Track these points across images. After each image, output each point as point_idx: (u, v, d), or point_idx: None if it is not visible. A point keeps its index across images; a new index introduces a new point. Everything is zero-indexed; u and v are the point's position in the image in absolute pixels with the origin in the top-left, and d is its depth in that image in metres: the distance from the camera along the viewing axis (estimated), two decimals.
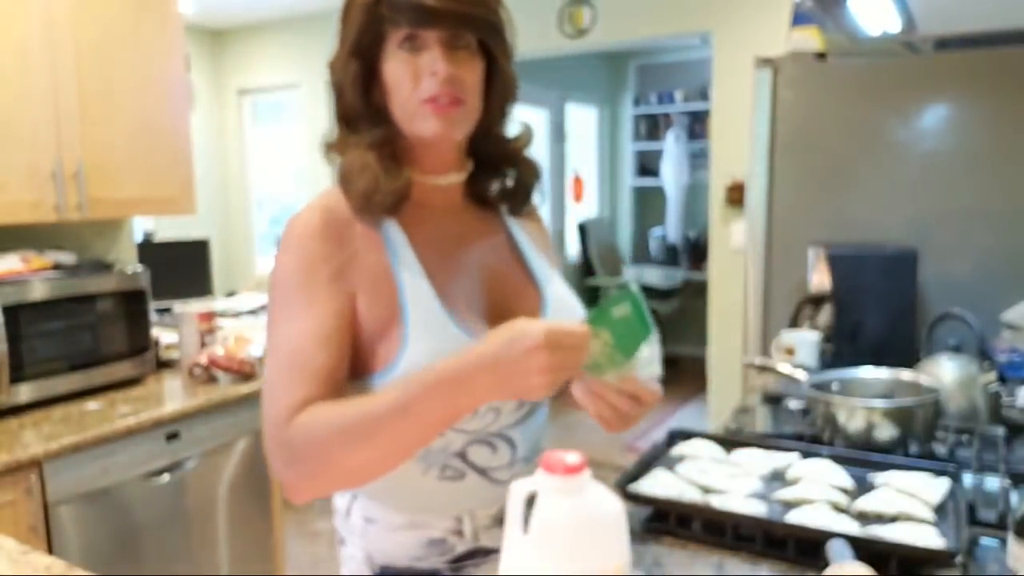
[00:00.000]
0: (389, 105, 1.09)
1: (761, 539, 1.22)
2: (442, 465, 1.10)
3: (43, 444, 2.00)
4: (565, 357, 0.88)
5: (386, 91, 1.09)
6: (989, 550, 1.21)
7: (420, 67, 1.05)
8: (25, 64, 2.28)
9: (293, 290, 1.04)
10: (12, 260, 2.33)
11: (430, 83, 1.04)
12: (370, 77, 1.09)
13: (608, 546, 0.83)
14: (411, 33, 1.04)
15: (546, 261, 1.23)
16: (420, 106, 1.06)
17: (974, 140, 2.42)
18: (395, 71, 1.06)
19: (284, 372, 1.01)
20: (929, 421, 1.58)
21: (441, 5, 1.02)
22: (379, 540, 1.14)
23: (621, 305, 0.95)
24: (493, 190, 1.22)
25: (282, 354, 1.02)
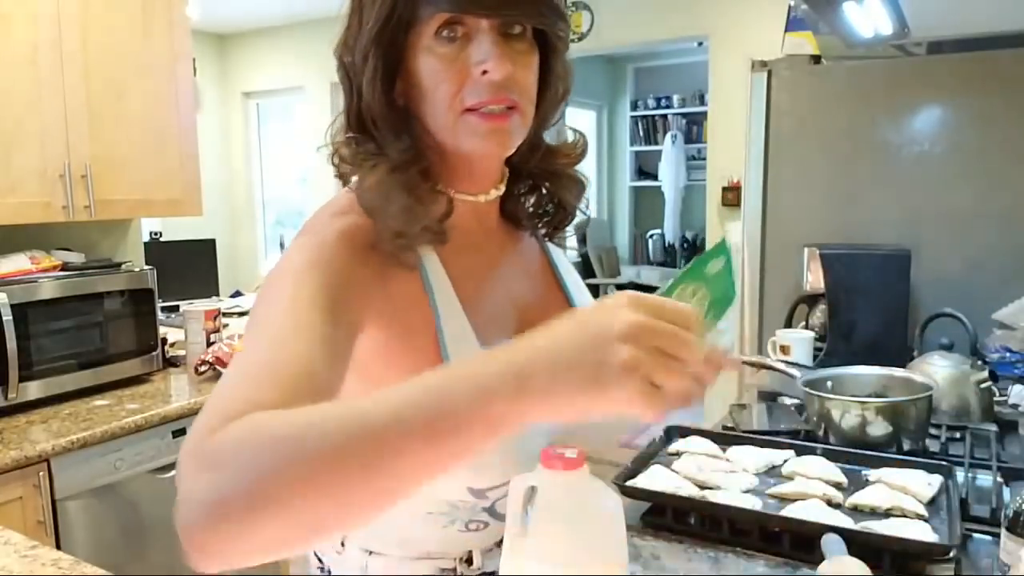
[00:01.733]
0: (420, 110, 0.86)
1: (756, 533, 1.23)
2: (468, 520, 0.97)
3: (51, 440, 2.02)
4: (666, 342, 0.57)
5: (416, 92, 0.85)
6: (982, 545, 1.22)
7: (465, 63, 0.81)
8: (35, 68, 2.30)
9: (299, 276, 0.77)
10: (21, 260, 2.35)
11: (478, 85, 0.81)
12: (394, 72, 0.85)
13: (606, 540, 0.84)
14: (454, 18, 0.80)
15: (581, 284, 1.05)
16: (464, 115, 0.82)
17: (966, 141, 2.44)
18: (431, 67, 0.82)
19: (250, 365, 0.69)
20: (922, 418, 1.59)
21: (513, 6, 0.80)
22: (382, 570, 0.98)
23: (716, 259, 0.80)
24: (530, 209, 1.01)
25: (256, 352, 0.70)
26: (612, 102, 7.65)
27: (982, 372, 1.78)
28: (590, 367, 0.56)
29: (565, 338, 0.58)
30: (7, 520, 1.71)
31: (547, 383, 0.57)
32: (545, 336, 0.59)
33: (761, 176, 2.75)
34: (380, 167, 0.84)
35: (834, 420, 1.60)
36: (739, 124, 2.90)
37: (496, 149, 0.85)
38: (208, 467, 0.58)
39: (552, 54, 0.89)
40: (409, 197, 0.83)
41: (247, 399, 0.62)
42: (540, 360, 0.57)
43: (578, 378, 0.56)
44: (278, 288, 0.77)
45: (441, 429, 0.57)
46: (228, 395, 0.64)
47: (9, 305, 2.16)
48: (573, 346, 0.57)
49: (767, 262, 2.77)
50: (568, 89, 0.95)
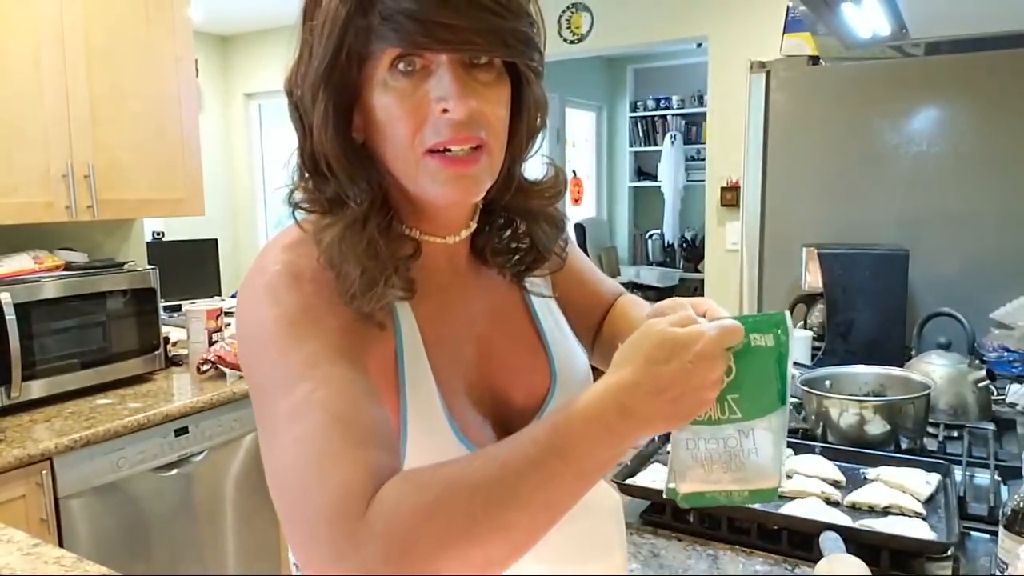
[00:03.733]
0: (379, 149, 0.77)
1: (755, 531, 1.24)
2: None
3: (54, 439, 2.02)
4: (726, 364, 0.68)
5: (374, 130, 0.76)
6: (979, 543, 1.23)
7: (424, 99, 0.72)
8: (37, 69, 2.30)
9: (291, 348, 0.71)
10: (24, 259, 2.36)
11: (439, 123, 0.72)
12: (350, 109, 0.76)
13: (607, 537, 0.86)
14: (411, 54, 0.72)
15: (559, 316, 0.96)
16: (425, 157, 0.73)
17: (964, 142, 2.45)
18: (386, 105, 0.73)
19: (320, 450, 0.65)
20: (920, 417, 1.60)
21: (454, 10, 0.69)
22: None
23: (764, 334, 0.69)
24: (492, 249, 0.90)
25: (307, 431, 0.66)
26: (611, 103, 7.66)
27: (980, 371, 1.79)
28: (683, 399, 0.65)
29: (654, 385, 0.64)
30: (10, 518, 1.71)
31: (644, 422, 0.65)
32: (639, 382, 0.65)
33: (760, 176, 2.76)
34: (337, 224, 0.75)
35: (832, 419, 1.61)
36: (738, 125, 2.91)
37: (462, 196, 0.76)
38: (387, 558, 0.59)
39: (524, 84, 0.79)
40: (371, 259, 0.74)
41: (368, 464, 0.63)
42: (642, 405, 0.64)
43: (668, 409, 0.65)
44: (281, 352, 0.71)
45: (576, 455, 0.63)
46: (335, 461, 0.63)
47: (12, 304, 2.16)
48: (670, 391, 0.65)
49: (766, 262, 2.78)
50: (544, 120, 0.84)
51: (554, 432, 0.64)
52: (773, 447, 0.71)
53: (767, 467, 0.71)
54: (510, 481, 0.62)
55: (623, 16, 4.63)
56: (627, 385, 0.65)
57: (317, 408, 0.66)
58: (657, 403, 0.64)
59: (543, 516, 0.64)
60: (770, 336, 0.69)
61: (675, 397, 0.64)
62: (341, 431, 0.65)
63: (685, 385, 0.64)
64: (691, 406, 0.66)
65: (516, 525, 0.62)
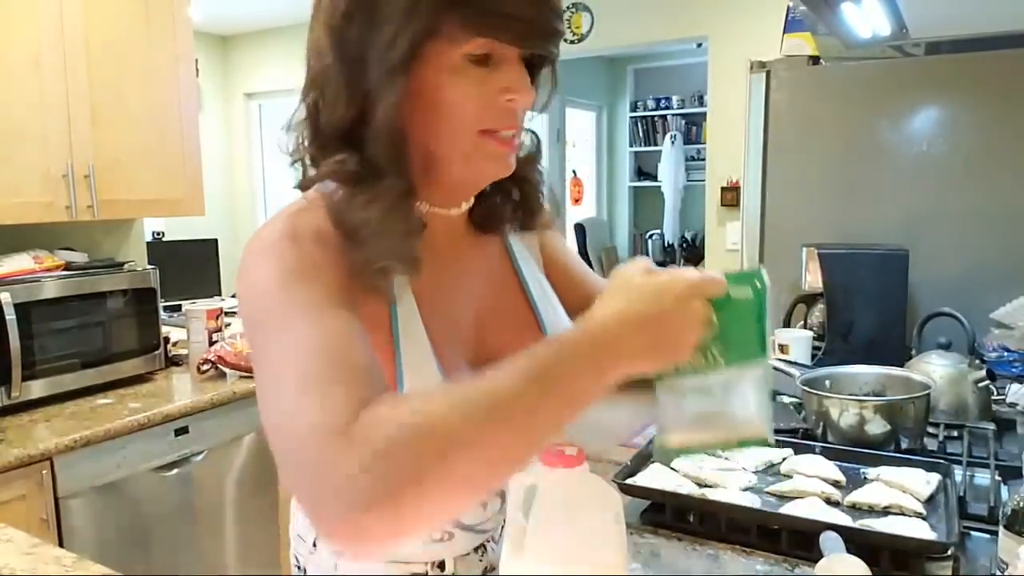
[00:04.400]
0: (425, 128, 0.82)
1: (755, 531, 1.23)
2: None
3: (54, 439, 2.03)
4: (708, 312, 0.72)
5: (425, 110, 0.81)
6: (980, 543, 1.22)
7: (490, 89, 0.80)
8: (37, 69, 2.31)
9: (291, 291, 0.75)
10: (24, 259, 2.36)
11: (501, 110, 0.81)
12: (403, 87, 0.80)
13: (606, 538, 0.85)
14: (490, 45, 0.78)
15: (545, 282, 1.05)
16: (481, 139, 0.81)
17: (964, 142, 2.45)
18: (459, 89, 0.79)
19: (320, 370, 0.69)
20: (920, 417, 1.59)
21: (540, 17, 0.78)
22: (352, 571, 0.99)
23: (742, 286, 0.74)
24: (495, 212, 0.99)
25: (307, 350, 0.70)
26: (612, 103, 7.66)
27: (980, 371, 1.78)
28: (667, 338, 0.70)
29: (647, 318, 0.70)
30: (10, 518, 1.71)
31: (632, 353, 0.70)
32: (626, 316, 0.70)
33: (760, 176, 2.76)
34: (377, 202, 0.79)
35: (832, 419, 1.60)
36: (738, 125, 2.91)
37: (504, 173, 0.86)
38: (384, 455, 0.61)
39: (537, 75, 0.89)
40: (391, 243, 0.80)
41: (355, 394, 0.66)
42: (629, 336, 0.69)
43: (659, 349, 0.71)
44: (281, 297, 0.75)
45: (563, 382, 0.68)
46: (326, 394, 0.66)
47: (12, 304, 2.17)
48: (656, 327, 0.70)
49: (766, 262, 2.78)
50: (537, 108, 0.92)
51: (543, 360, 0.68)
52: (757, 397, 0.76)
53: (753, 416, 0.76)
54: (495, 401, 0.65)
55: (623, 16, 4.63)
56: (612, 320, 0.70)
57: (313, 344, 0.70)
58: (640, 339, 0.69)
59: (524, 438, 0.67)
60: (748, 289, 0.74)
61: (657, 335, 0.70)
62: (334, 365, 0.69)
63: (667, 324, 0.70)
64: (672, 346, 0.71)
65: (496, 443, 0.65)
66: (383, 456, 0.61)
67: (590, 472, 0.81)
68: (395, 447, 0.62)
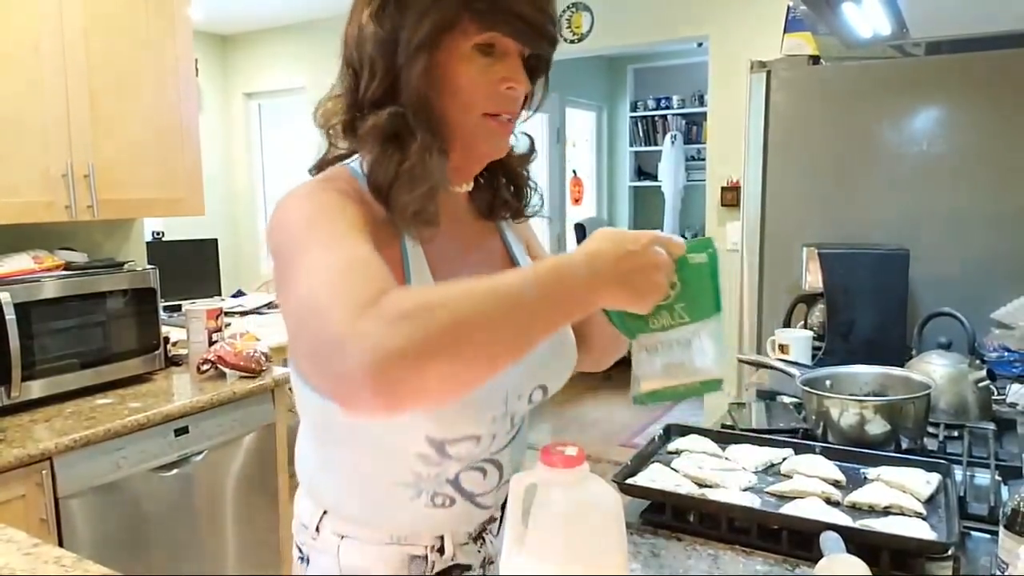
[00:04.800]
0: (441, 105, 0.96)
1: (755, 531, 1.23)
2: (433, 492, 1.05)
3: (54, 439, 2.02)
4: (671, 261, 0.86)
5: (442, 90, 0.95)
6: (980, 543, 1.22)
7: (494, 76, 0.95)
8: (37, 69, 2.31)
9: (326, 217, 0.88)
10: (24, 259, 2.36)
11: (501, 96, 0.96)
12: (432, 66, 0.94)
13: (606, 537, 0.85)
14: (495, 39, 0.93)
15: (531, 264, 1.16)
16: (484, 119, 0.97)
17: (964, 142, 2.45)
18: (466, 74, 0.94)
19: (347, 270, 0.79)
20: (920, 417, 1.59)
21: (538, 20, 0.94)
22: (355, 557, 1.07)
23: (699, 253, 0.89)
24: (495, 200, 1.14)
25: (336, 258, 0.81)
26: (612, 103, 7.66)
27: (980, 371, 1.78)
28: (639, 280, 0.83)
29: (618, 257, 0.82)
30: (10, 518, 1.71)
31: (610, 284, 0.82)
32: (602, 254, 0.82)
33: (760, 176, 2.76)
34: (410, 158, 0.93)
35: (833, 419, 1.60)
36: (738, 125, 2.92)
37: (500, 152, 1.03)
38: (401, 320, 0.71)
39: (537, 75, 1.04)
40: (428, 188, 0.94)
41: (372, 289, 0.76)
42: (606, 269, 0.81)
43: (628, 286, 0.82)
44: (313, 225, 0.87)
45: (557, 302, 0.80)
46: (350, 283, 0.77)
47: (12, 304, 2.17)
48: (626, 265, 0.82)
49: (766, 262, 2.79)
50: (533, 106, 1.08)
51: (536, 277, 0.79)
52: (714, 347, 0.90)
53: (711, 364, 0.91)
54: (500, 297, 0.76)
55: (623, 16, 4.63)
56: (595, 254, 0.82)
57: (339, 257, 0.81)
58: (616, 271, 0.81)
59: (518, 331, 0.78)
60: (703, 255, 0.89)
61: (630, 270, 0.82)
62: (357, 270, 0.79)
63: (639, 261, 0.82)
64: (643, 284, 0.83)
65: (496, 329, 0.76)
66: (406, 317, 0.71)
67: (590, 472, 0.81)
68: (417, 311, 0.72)
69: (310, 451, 1.13)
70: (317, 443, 1.11)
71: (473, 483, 1.07)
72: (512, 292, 0.78)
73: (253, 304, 4.24)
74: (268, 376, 2.63)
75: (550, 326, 0.82)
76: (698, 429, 1.62)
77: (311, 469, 1.13)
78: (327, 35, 4.76)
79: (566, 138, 6.83)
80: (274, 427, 2.65)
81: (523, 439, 1.17)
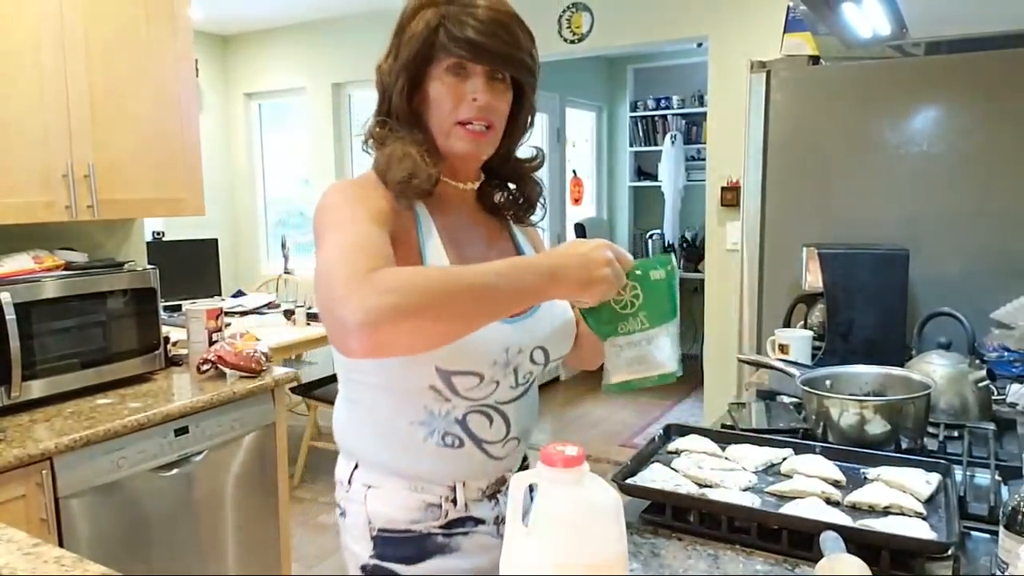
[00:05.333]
0: (428, 116, 1.22)
1: (755, 531, 1.23)
2: (443, 432, 1.22)
3: (54, 439, 2.02)
4: (619, 264, 1.06)
5: (427, 103, 1.22)
6: (980, 543, 1.22)
7: (462, 92, 1.19)
8: (37, 69, 2.31)
9: (350, 206, 1.14)
10: (24, 259, 2.36)
11: (469, 107, 1.19)
12: (415, 87, 1.22)
13: (606, 537, 0.85)
14: (460, 63, 1.18)
15: None
16: (455, 126, 1.20)
17: (964, 141, 2.45)
18: (440, 91, 1.20)
19: (355, 248, 1.04)
20: (920, 417, 1.59)
21: (492, 45, 1.17)
22: (379, 504, 1.24)
23: (657, 270, 1.10)
24: (500, 200, 1.36)
25: (350, 238, 1.07)
26: (612, 103, 7.66)
27: (980, 371, 1.78)
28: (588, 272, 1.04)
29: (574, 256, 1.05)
30: (10, 518, 1.71)
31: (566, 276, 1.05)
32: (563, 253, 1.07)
33: (760, 176, 2.76)
34: (402, 140, 1.20)
35: (833, 419, 1.60)
36: (738, 125, 2.92)
37: (474, 152, 1.23)
38: (384, 291, 0.96)
39: (523, 95, 1.28)
40: (418, 156, 1.18)
41: (370, 264, 1.01)
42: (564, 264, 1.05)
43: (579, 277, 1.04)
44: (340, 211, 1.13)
45: (516, 289, 1.04)
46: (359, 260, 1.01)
47: (12, 304, 2.17)
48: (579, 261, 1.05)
49: (766, 261, 2.79)
50: (533, 120, 1.34)
51: (510, 268, 1.05)
52: (671, 346, 1.12)
53: (667, 360, 1.12)
54: (469, 281, 1.00)
55: (623, 16, 4.63)
56: (557, 256, 1.06)
57: (352, 238, 1.06)
58: (574, 271, 1.04)
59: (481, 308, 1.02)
60: (663, 271, 1.10)
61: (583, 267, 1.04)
62: (363, 248, 1.05)
63: (591, 263, 1.04)
64: (595, 281, 1.04)
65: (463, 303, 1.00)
66: (390, 289, 0.96)
67: (590, 472, 0.81)
68: (399, 285, 0.97)
69: (343, 409, 1.32)
70: (347, 401, 1.31)
71: (480, 427, 1.24)
72: (478, 277, 1.01)
73: (253, 304, 4.24)
74: (268, 376, 2.63)
75: (508, 307, 1.07)
76: (698, 429, 1.62)
77: (342, 426, 1.32)
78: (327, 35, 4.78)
79: (566, 138, 6.83)
80: (274, 427, 2.65)
81: (533, 404, 1.34)
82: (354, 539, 1.27)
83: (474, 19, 1.17)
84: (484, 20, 1.17)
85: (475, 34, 1.16)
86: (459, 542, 1.26)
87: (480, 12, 1.17)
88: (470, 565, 1.26)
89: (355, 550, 1.28)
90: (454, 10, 1.17)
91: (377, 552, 1.25)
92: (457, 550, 1.26)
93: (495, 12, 1.18)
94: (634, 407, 5.91)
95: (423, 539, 1.24)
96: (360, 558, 1.27)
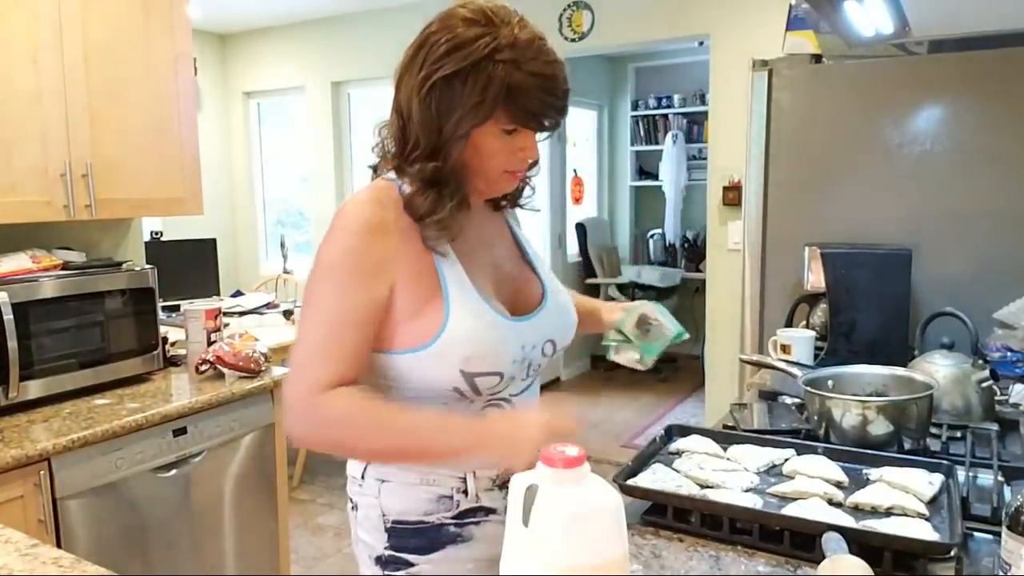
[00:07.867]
0: (474, 163, 1.25)
1: (757, 532, 1.23)
2: None
3: (52, 439, 2.02)
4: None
5: (478, 154, 1.24)
6: (983, 544, 1.22)
7: (514, 147, 1.24)
8: (35, 68, 2.30)
9: (338, 272, 1.19)
10: (22, 259, 2.35)
11: (520, 161, 1.27)
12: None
13: (607, 538, 0.85)
14: (519, 128, 1.22)
15: (531, 242, 1.48)
16: (504, 175, 1.28)
17: (967, 140, 2.44)
18: (494, 147, 1.23)
19: (320, 344, 1.18)
20: (923, 417, 1.59)
21: (552, 115, 1.22)
22: (392, 497, 1.30)
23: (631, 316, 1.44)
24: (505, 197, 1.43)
25: (320, 325, 1.19)
26: (613, 102, 7.65)
27: (983, 371, 1.78)
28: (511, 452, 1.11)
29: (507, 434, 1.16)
30: (8, 519, 1.71)
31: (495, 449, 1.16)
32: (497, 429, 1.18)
33: (762, 175, 2.75)
34: (442, 202, 1.23)
35: (835, 419, 1.60)
36: (740, 123, 2.91)
37: (510, 190, 1.35)
38: (315, 426, 1.18)
39: None
40: (448, 226, 1.24)
41: (332, 372, 1.17)
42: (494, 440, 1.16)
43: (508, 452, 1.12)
44: (325, 282, 1.20)
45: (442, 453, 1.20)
46: (320, 363, 1.17)
47: (10, 304, 2.16)
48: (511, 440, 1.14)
49: (768, 261, 2.78)
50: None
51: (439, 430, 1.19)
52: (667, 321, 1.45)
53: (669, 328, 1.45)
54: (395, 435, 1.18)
55: (624, 14, 4.63)
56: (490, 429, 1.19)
57: (330, 316, 1.19)
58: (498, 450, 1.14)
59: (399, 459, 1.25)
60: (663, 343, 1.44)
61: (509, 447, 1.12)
62: (335, 341, 1.19)
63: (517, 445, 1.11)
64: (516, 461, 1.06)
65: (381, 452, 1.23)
66: (327, 424, 1.17)
67: (591, 472, 0.81)
68: (334, 423, 1.17)
69: None
70: None
71: None
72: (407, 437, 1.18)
73: (251, 304, 4.24)
74: (267, 376, 2.62)
75: (429, 463, 1.26)
76: (700, 429, 1.62)
77: None
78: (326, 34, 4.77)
79: (567, 137, 6.82)
80: (273, 427, 2.65)
81: (535, 394, 1.39)
82: (367, 531, 1.33)
83: (542, 91, 1.19)
84: (549, 91, 1.20)
85: (540, 107, 1.20)
86: (471, 532, 1.30)
87: (547, 83, 1.19)
88: (483, 554, 1.30)
89: (369, 541, 1.33)
90: (520, 77, 1.17)
91: (391, 543, 1.30)
92: (470, 539, 1.30)
93: (555, 75, 1.20)
94: (635, 407, 5.91)
95: (436, 529, 1.29)
96: (374, 549, 1.32)
